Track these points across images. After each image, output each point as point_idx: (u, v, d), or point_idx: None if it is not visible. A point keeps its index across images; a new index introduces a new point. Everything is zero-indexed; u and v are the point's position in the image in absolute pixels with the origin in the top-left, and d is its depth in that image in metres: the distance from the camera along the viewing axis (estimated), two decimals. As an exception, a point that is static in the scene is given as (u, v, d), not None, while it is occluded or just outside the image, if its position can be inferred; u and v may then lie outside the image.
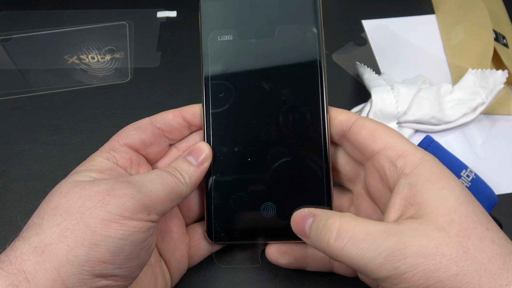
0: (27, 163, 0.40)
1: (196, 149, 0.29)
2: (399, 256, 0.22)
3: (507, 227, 0.36)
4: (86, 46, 0.48)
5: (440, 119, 0.40)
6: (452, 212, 0.23)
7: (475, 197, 0.34)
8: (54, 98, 0.44)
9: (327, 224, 0.24)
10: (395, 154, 0.26)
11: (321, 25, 0.31)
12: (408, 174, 0.25)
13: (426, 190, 0.24)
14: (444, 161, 0.35)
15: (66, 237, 0.22)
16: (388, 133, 0.27)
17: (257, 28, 0.31)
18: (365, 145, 0.28)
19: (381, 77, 0.41)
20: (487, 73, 0.40)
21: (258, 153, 0.30)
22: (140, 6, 0.52)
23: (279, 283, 0.33)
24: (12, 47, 0.48)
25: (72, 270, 0.21)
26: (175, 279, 0.31)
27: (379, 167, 0.27)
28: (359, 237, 0.23)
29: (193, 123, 0.31)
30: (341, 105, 0.43)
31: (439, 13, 0.51)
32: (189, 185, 0.27)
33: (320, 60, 0.30)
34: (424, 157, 0.26)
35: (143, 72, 0.46)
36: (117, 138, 0.29)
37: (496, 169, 0.40)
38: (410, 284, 0.22)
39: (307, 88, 0.30)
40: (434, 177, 0.25)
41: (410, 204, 0.24)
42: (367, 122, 0.28)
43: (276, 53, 0.31)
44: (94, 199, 0.23)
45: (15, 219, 0.36)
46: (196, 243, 0.31)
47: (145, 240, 0.24)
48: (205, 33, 0.31)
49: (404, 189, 0.25)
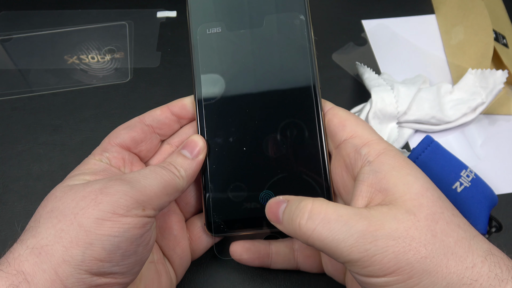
0: (27, 163, 0.40)
1: (190, 142, 0.29)
2: (370, 238, 0.22)
3: (507, 227, 0.36)
4: (86, 46, 0.48)
5: (440, 119, 0.40)
6: (420, 196, 0.23)
7: (475, 197, 0.34)
8: (54, 98, 0.44)
9: (300, 206, 0.24)
10: (360, 142, 0.27)
11: (308, 12, 0.31)
12: (372, 161, 0.26)
13: (392, 177, 0.24)
14: (444, 161, 0.35)
15: (61, 238, 0.22)
16: (357, 123, 0.28)
17: (245, 19, 0.31)
18: (335, 132, 0.28)
19: (381, 77, 0.41)
20: (487, 73, 0.40)
21: (253, 142, 0.30)
22: (140, 6, 0.52)
23: (279, 283, 0.33)
24: (12, 47, 0.48)
25: (69, 270, 0.22)
26: (180, 274, 0.31)
27: (345, 155, 0.28)
28: (331, 218, 0.23)
29: (182, 116, 0.31)
30: (341, 105, 0.43)
31: (439, 13, 0.51)
32: (185, 178, 0.27)
33: (310, 47, 0.31)
34: (388, 147, 0.26)
35: (143, 72, 0.46)
36: (109, 139, 0.29)
37: (496, 169, 0.40)
38: (380, 267, 0.22)
39: (298, 75, 0.30)
40: (398, 164, 0.25)
41: (377, 191, 0.25)
42: (340, 111, 0.29)
43: (265, 42, 0.31)
44: (87, 199, 0.23)
45: (15, 219, 0.36)
46: (197, 236, 0.31)
47: (142, 236, 0.24)
48: (194, 26, 0.31)
49: (370, 176, 0.25)
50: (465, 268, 0.22)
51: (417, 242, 0.22)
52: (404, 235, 0.22)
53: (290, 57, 0.31)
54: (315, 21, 0.51)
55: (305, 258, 0.32)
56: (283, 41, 0.31)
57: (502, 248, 0.26)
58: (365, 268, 0.22)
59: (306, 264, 0.32)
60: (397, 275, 0.22)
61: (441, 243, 0.22)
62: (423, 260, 0.22)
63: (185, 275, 0.33)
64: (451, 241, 0.22)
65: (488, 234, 0.35)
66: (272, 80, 0.30)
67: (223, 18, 0.31)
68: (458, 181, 0.34)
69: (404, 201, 0.23)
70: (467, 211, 0.34)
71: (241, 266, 0.34)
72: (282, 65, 0.31)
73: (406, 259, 0.22)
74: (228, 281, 0.34)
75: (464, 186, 0.34)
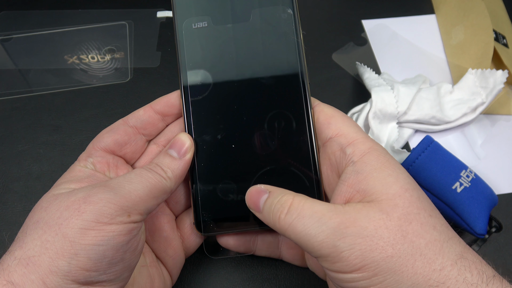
0: (27, 163, 0.40)
1: (176, 141, 0.29)
2: (339, 235, 0.23)
3: (507, 227, 0.36)
4: (86, 46, 0.48)
5: (440, 119, 0.40)
6: (396, 197, 0.24)
7: (475, 197, 0.34)
8: (54, 98, 0.44)
9: (281, 200, 0.25)
10: (346, 142, 0.27)
11: (296, 6, 0.31)
12: (356, 162, 0.26)
13: (372, 178, 0.25)
14: (444, 161, 0.35)
15: (47, 249, 0.22)
16: (343, 121, 0.28)
17: (231, 13, 0.31)
18: (321, 130, 0.29)
19: (381, 77, 0.41)
20: (487, 73, 0.40)
21: (241, 139, 0.30)
22: (140, 6, 0.52)
23: (279, 283, 0.33)
24: (12, 47, 0.48)
25: (57, 280, 0.22)
26: (175, 274, 0.31)
27: (330, 153, 0.28)
28: (306, 214, 0.24)
29: (166, 113, 0.31)
30: (341, 105, 0.43)
31: (439, 13, 0.51)
32: (172, 179, 0.27)
33: (298, 41, 0.30)
34: (373, 146, 0.26)
35: (143, 72, 0.46)
36: (93, 144, 0.29)
37: (496, 169, 0.40)
38: (347, 263, 0.22)
39: (287, 69, 0.30)
40: (380, 165, 0.25)
41: (356, 191, 0.25)
42: (326, 108, 0.29)
43: (252, 37, 0.30)
44: (71, 209, 0.23)
45: (15, 219, 0.36)
46: (188, 234, 0.31)
47: (128, 242, 0.24)
48: (179, 21, 0.31)
49: (351, 177, 0.25)
50: (432, 270, 0.22)
51: (385, 241, 0.22)
52: (372, 234, 0.22)
53: (278, 51, 0.30)
54: (315, 21, 0.51)
55: (288, 249, 0.32)
56: (270, 35, 0.30)
57: (503, 248, 0.26)
58: (334, 263, 0.23)
59: (288, 255, 0.32)
60: (363, 271, 0.22)
61: (410, 244, 0.22)
62: (389, 259, 0.22)
63: (185, 275, 0.33)
64: (422, 242, 0.23)
65: (488, 234, 0.35)
66: (260, 75, 0.30)
67: (209, 13, 0.31)
68: (458, 181, 0.34)
69: (380, 201, 0.24)
70: (467, 211, 0.34)
71: (241, 266, 0.34)
72: (270, 59, 0.30)
73: (372, 257, 0.22)
74: (228, 281, 0.34)
75: (464, 187, 0.34)
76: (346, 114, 0.29)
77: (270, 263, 0.34)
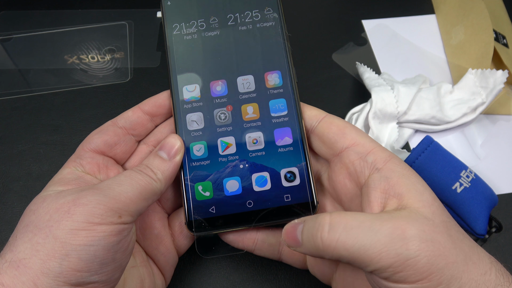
0: (27, 163, 0.40)
1: (166, 143, 0.29)
2: (400, 242, 0.21)
3: (507, 227, 0.36)
4: (86, 46, 0.48)
5: (440, 119, 0.40)
6: (431, 204, 0.23)
7: (475, 197, 0.34)
8: (54, 98, 0.44)
9: (318, 220, 0.23)
10: (365, 150, 0.27)
11: (281, 9, 0.32)
12: (381, 168, 0.25)
13: (404, 184, 0.24)
14: (444, 161, 0.35)
15: (38, 251, 0.22)
16: (356, 131, 0.28)
17: (219, 18, 0.32)
18: (335, 140, 0.28)
19: (381, 77, 0.41)
20: (487, 73, 0.40)
21: (233, 138, 0.30)
22: (140, 6, 0.52)
23: (279, 283, 0.33)
24: (12, 47, 0.48)
25: (48, 281, 0.22)
26: (167, 273, 0.31)
27: (348, 163, 0.28)
28: (353, 225, 0.22)
29: (155, 114, 0.31)
30: (341, 105, 0.43)
31: (439, 13, 0.51)
32: (162, 181, 0.27)
33: (284, 43, 0.31)
34: (392, 154, 0.26)
35: (143, 72, 0.46)
36: (82, 146, 0.29)
37: (496, 169, 0.40)
38: (413, 272, 0.21)
39: (274, 71, 0.31)
40: (405, 172, 0.25)
41: (391, 196, 0.24)
42: (336, 120, 0.29)
43: (240, 41, 0.32)
44: (61, 211, 0.23)
45: (15, 219, 0.36)
46: (179, 232, 0.31)
47: (119, 242, 0.24)
48: (169, 27, 0.32)
49: (382, 183, 0.25)
50: (480, 275, 0.22)
51: (444, 246, 0.21)
52: (431, 238, 0.21)
53: (265, 54, 0.31)
54: (315, 21, 0.51)
55: (290, 252, 0.31)
56: (257, 39, 0.32)
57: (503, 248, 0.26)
58: (396, 274, 0.21)
59: (289, 258, 0.31)
60: (428, 281, 0.21)
61: (460, 249, 0.22)
62: (451, 265, 0.21)
63: (184, 274, 0.33)
64: (465, 247, 0.22)
65: (488, 234, 0.35)
66: (248, 77, 0.31)
67: (197, 17, 0.32)
68: (458, 182, 0.34)
69: (418, 207, 0.23)
70: (467, 212, 0.34)
71: (241, 266, 0.34)
72: (257, 61, 0.31)
73: (437, 264, 0.21)
74: (228, 281, 0.34)
75: (464, 187, 0.34)
76: (346, 115, 0.29)
77: (270, 263, 0.34)
